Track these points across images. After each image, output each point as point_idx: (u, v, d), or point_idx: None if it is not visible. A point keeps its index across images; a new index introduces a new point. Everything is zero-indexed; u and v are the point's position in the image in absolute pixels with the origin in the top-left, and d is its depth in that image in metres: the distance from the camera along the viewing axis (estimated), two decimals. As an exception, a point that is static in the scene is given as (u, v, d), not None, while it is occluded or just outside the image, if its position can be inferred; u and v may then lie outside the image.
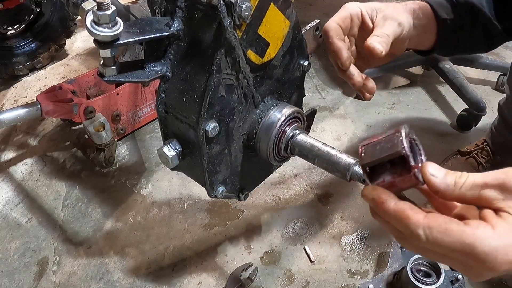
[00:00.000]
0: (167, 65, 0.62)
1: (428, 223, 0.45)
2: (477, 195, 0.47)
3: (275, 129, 0.66)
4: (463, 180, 0.47)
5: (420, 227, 0.45)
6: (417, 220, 0.45)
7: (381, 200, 0.48)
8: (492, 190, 0.46)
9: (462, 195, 0.47)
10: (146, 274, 1.21)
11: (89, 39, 2.28)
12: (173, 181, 1.48)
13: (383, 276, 1.12)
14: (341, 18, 0.74)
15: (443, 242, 0.44)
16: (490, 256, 0.43)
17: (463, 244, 0.43)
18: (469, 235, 0.43)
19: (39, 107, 1.39)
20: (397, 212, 0.47)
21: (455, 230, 0.44)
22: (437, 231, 0.44)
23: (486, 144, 1.40)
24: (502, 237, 0.43)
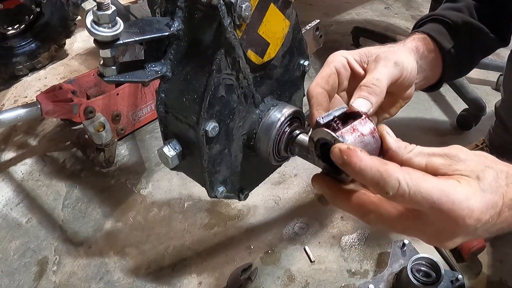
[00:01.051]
0: (167, 65, 0.62)
1: (406, 170, 0.45)
2: (424, 163, 0.48)
3: (275, 129, 0.66)
4: (412, 147, 0.50)
5: (398, 172, 0.44)
6: (395, 166, 0.45)
7: (355, 152, 0.45)
8: (439, 158, 0.48)
9: (410, 159, 0.49)
10: (146, 274, 1.21)
11: (89, 39, 2.28)
12: (173, 181, 1.48)
13: (383, 276, 1.12)
14: (324, 78, 0.65)
15: (421, 187, 0.43)
16: (463, 204, 0.43)
17: (440, 192, 0.43)
18: (443, 183, 0.44)
19: (39, 107, 1.39)
20: (374, 162, 0.45)
21: (431, 179, 0.45)
22: (415, 176, 0.44)
23: (485, 145, 1.40)
24: (468, 187, 0.45)
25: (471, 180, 0.45)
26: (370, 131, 0.51)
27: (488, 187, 0.45)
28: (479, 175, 0.46)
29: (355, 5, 2.71)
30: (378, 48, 0.69)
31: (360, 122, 0.51)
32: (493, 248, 1.23)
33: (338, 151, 0.47)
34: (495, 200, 0.46)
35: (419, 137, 1.63)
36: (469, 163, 0.47)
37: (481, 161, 0.48)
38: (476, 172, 0.46)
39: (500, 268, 1.19)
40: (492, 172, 0.47)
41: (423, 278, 1.04)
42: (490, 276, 1.17)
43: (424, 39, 0.76)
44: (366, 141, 0.50)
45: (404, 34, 2.26)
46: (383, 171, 0.44)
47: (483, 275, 1.18)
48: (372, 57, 0.66)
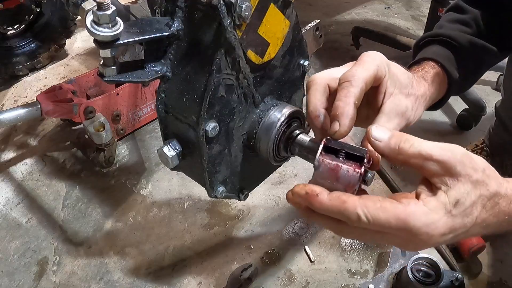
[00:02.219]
0: (167, 65, 0.62)
1: (364, 202, 0.47)
2: (421, 165, 0.49)
3: (275, 129, 0.66)
4: (408, 146, 0.49)
5: (357, 207, 0.47)
6: (353, 202, 0.47)
7: (315, 193, 0.49)
8: (435, 164, 0.48)
9: (407, 161, 0.50)
10: (146, 274, 1.21)
11: (89, 39, 2.28)
12: (173, 181, 1.48)
13: (383, 276, 1.12)
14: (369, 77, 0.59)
15: (380, 218, 0.46)
16: (422, 230, 0.47)
17: (397, 220, 0.46)
18: (401, 211, 0.47)
19: (39, 107, 1.39)
20: (333, 200, 0.48)
21: (389, 207, 0.47)
22: (373, 208, 0.47)
23: (485, 145, 1.40)
24: (431, 213, 0.47)
25: (442, 205, 0.47)
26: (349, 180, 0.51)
27: (461, 212, 0.48)
28: (459, 199, 0.48)
29: (355, 5, 2.71)
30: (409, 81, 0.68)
31: (348, 169, 0.51)
32: (493, 248, 1.23)
33: (297, 196, 0.51)
34: (464, 223, 0.48)
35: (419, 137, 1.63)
36: (459, 182, 0.48)
37: (473, 179, 0.48)
38: (459, 195, 0.48)
39: (500, 268, 1.19)
40: (475, 195, 0.48)
41: (423, 278, 1.04)
42: (490, 276, 1.17)
43: (439, 75, 0.77)
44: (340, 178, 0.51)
45: (404, 34, 2.26)
46: (343, 210, 0.48)
47: (483, 275, 1.18)
48: (395, 96, 0.64)
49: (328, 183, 0.52)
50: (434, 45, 0.83)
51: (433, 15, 1.84)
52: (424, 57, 0.80)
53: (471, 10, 0.89)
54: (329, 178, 0.51)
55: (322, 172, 0.52)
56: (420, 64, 0.78)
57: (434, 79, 0.75)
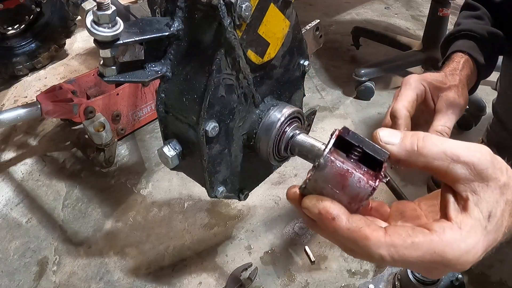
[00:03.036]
0: (167, 65, 0.62)
1: (391, 241, 0.40)
2: (445, 168, 0.41)
3: (275, 129, 0.66)
4: (428, 145, 0.41)
5: (382, 247, 0.39)
6: (377, 239, 0.40)
7: (330, 216, 0.41)
8: (464, 168, 0.40)
9: (429, 163, 0.41)
10: (146, 274, 1.21)
11: (89, 39, 2.28)
12: (173, 181, 1.48)
13: (383, 276, 1.12)
14: (410, 102, 0.74)
15: (411, 257, 0.40)
16: (460, 259, 0.41)
17: (433, 255, 0.40)
18: (437, 243, 0.40)
19: (39, 107, 1.39)
20: (353, 232, 0.40)
21: (422, 241, 0.40)
22: (403, 247, 0.39)
23: (484, 143, 1.40)
24: (470, 236, 0.40)
25: (479, 223, 0.41)
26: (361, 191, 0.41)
27: (494, 226, 0.42)
28: (491, 211, 0.41)
29: (355, 5, 2.71)
30: (447, 85, 0.79)
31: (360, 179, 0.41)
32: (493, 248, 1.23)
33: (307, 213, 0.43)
34: (495, 238, 0.43)
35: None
36: (489, 189, 0.41)
37: (501, 183, 0.42)
38: (490, 206, 0.41)
39: (500, 268, 1.19)
40: (503, 203, 0.42)
41: (423, 278, 1.04)
42: (490, 276, 1.17)
43: (468, 61, 0.88)
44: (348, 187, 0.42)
45: (404, 34, 2.26)
46: (362, 246, 0.40)
47: (483, 275, 1.18)
48: (443, 96, 0.78)
49: (329, 188, 0.42)
50: (458, 40, 0.95)
51: (433, 15, 1.84)
52: (452, 51, 0.91)
53: (481, 6, 1.02)
54: (334, 184, 0.42)
55: (326, 175, 0.41)
56: (450, 58, 0.90)
57: (464, 66, 0.86)
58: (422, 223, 0.43)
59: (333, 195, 0.42)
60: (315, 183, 0.43)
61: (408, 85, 0.76)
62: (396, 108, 0.73)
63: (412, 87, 0.76)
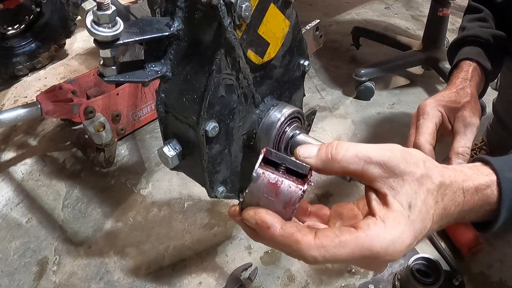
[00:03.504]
0: (167, 65, 0.62)
1: (320, 242, 0.43)
2: (360, 170, 0.45)
3: (275, 129, 0.67)
4: (341, 152, 0.46)
5: (313, 249, 0.43)
6: (308, 243, 0.43)
7: (266, 225, 0.45)
8: (376, 167, 0.45)
9: (345, 168, 0.46)
10: (146, 274, 1.21)
11: (89, 39, 2.28)
12: (173, 181, 1.48)
13: (383, 276, 1.12)
14: (431, 134, 0.79)
15: (341, 255, 0.43)
16: (388, 250, 0.43)
17: (361, 249, 0.43)
18: (363, 239, 0.43)
19: (39, 107, 1.39)
20: (286, 238, 0.44)
21: (348, 239, 0.43)
22: (331, 247, 0.43)
23: (484, 144, 1.40)
24: (393, 228, 0.44)
25: (400, 214, 0.44)
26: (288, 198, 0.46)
27: (417, 215, 0.45)
28: (411, 202, 0.45)
29: (355, 5, 2.71)
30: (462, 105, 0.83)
31: (290, 185, 0.46)
32: (493, 248, 1.23)
33: (247, 223, 0.48)
34: (423, 226, 0.45)
35: (419, 137, 1.63)
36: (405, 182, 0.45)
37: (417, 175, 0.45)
38: (409, 197, 0.45)
39: (500, 268, 1.19)
40: (423, 193, 0.45)
41: (423, 278, 1.04)
42: (490, 276, 1.17)
43: (476, 69, 0.91)
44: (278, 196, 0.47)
45: (404, 34, 2.26)
46: (295, 249, 0.44)
47: (483, 275, 1.18)
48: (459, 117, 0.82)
49: (265, 197, 0.47)
50: (465, 47, 0.97)
51: (433, 15, 1.84)
52: (460, 59, 0.94)
53: (484, 8, 1.04)
54: (268, 193, 0.46)
55: (260, 185, 0.46)
56: (458, 66, 0.92)
57: (473, 75, 0.89)
58: (358, 221, 0.46)
59: (268, 203, 0.47)
60: (251, 195, 0.47)
61: (426, 115, 0.80)
62: (420, 144, 0.78)
63: (430, 116, 0.80)
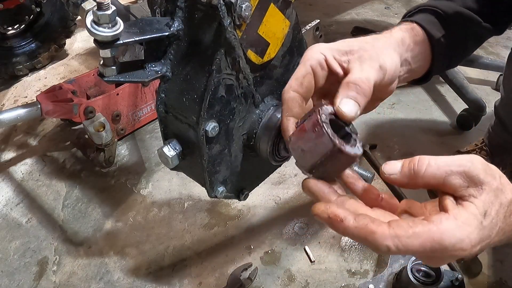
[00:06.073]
0: (167, 65, 0.62)
1: (395, 233, 0.45)
2: (442, 182, 0.47)
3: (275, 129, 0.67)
4: (424, 167, 0.47)
5: (387, 239, 0.45)
6: (382, 233, 0.45)
7: (338, 218, 0.47)
8: (458, 178, 0.47)
9: (428, 183, 0.48)
10: (146, 274, 1.21)
11: (89, 39, 2.28)
12: (173, 181, 1.48)
13: (383, 276, 1.12)
14: (299, 79, 0.58)
15: (413, 246, 0.44)
16: (456, 246, 0.45)
17: (432, 242, 0.44)
18: (435, 232, 0.44)
19: (39, 107, 1.39)
20: (360, 230, 0.46)
21: (421, 231, 0.44)
22: (405, 237, 0.44)
23: (485, 144, 1.40)
24: (465, 226, 0.45)
25: (474, 217, 0.46)
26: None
27: (489, 223, 0.47)
28: (487, 210, 0.46)
29: (355, 5, 2.71)
30: (361, 42, 0.62)
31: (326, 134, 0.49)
32: (493, 248, 1.23)
33: (318, 217, 0.49)
34: (489, 235, 0.47)
35: (419, 137, 1.63)
36: (484, 192, 0.47)
37: (494, 186, 0.47)
38: (486, 205, 0.46)
39: (500, 268, 1.19)
40: (498, 204, 0.47)
41: (423, 278, 1.04)
42: (490, 276, 1.17)
43: (412, 29, 0.70)
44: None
45: (404, 34, 2.25)
46: (370, 240, 0.45)
47: (483, 275, 1.18)
48: (354, 55, 0.60)
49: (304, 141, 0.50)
50: (417, 14, 0.77)
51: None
52: (402, 20, 0.75)
53: None
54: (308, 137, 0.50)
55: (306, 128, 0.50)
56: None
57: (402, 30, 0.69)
58: (430, 216, 0.47)
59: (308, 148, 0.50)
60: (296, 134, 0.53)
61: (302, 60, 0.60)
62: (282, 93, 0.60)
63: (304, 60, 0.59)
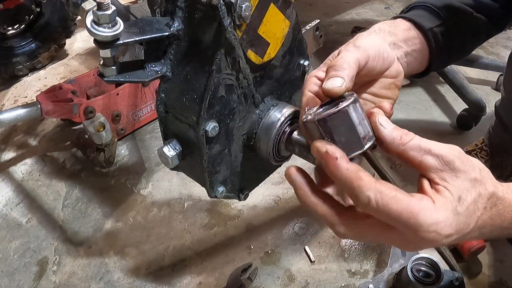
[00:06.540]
0: (167, 65, 0.62)
1: (380, 187, 0.45)
2: (419, 159, 0.48)
3: (275, 129, 0.66)
4: (409, 139, 0.48)
5: (371, 190, 0.45)
6: (369, 182, 0.45)
7: (334, 155, 0.47)
8: (434, 159, 0.47)
9: (405, 152, 0.48)
10: (146, 274, 1.21)
11: (89, 39, 2.28)
12: (173, 181, 1.48)
13: (383, 276, 1.12)
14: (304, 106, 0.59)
15: (391, 208, 0.44)
16: (430, 227, 0.44)
17: (408, 214, 0.44)
18: (414, 205, 0.44)
19: (39, 107, 1.39)
20: (350, 172, 0.46)
21: (403, 198, 0.45)
22: (387, 196, 0.44)
23: (485, 144, 1.40)
24: (441, 210, 0.45)
25: (449, 202, 0.46)
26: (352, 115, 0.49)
27: (465, 210, 0.46)
28: (461, 195, 0.46)
29: (355, 5, 2.71)
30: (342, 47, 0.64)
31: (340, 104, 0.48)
32: (493, 248, 1.23)
33: (316, 151, 0.49)
34: (467, 223, 0.47)
35: (419, 137, 1.63)
36: (458, 179, 0.47)
37: (471, 176, 0.47)
38: (460, 191, 0.46)
39: (500, 268, 1.19)
40: (475, 193, 0.47)
41: (423, 278, 1.04)
42: (490, 276, 1.17)
43: (393, 22, 0.72)
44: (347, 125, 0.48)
45: (404, 34, 2.25)
46: (355, 186, 0.46)
47: (483, 275, 1.18)
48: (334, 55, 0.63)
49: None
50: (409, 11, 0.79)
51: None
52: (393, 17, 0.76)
53: None
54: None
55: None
56: None
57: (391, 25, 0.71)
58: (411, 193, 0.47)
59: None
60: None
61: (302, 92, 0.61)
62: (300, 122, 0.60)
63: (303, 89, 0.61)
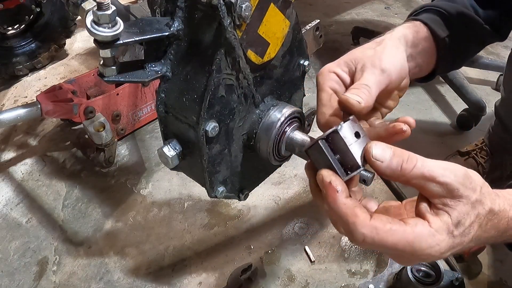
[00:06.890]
0: (167, 65, 0.62)
1: (375, 224, 0.47)
2: (422, 186, 0.49)
3: (275, 129, 0.66)
4: (410, 168, 0.48)
5: (366, 227, 0.47)
6: (364, 220, 0.47)
7: (335, 188, 0.48)
8: (438, 186, 0.48)
9: (407, 182, 0.49)
10: (146, 274, 1.21)
11: (89, 39, 2.28)
12: (173, 181, 1.48)
13: (383, 276, 1.12)
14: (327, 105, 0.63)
15: (387, 241, 0.47)
16: (425, 251, 0.48)
17: (404, 243, 0.47)
18: (409, 234, 0.47)
19: (39, 107, 1.39)
20: (347, 208, 0.48)
21: (398, 229, 0.47)
22: (383, 231, 0.47)
23: (485, 144, 1.40)
24: (437, 234, 0.48)
25: (446, 226, 0.48)
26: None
27: (461, 233, 0.49)
28: (460, 220, 0.48)
29: (355, 5, 2.71)
30: (363, 50, 0.67)
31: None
32: (493, 248, 1.23)
33: (320, 179, 0.50)
34: (461, 242, 0.50)
35: (419, 138, 1.63)
36: (460, 203, 0.48)
37: (472, 199, 0.49)
38: (460, 216, 0.48)
39: (500, 268, 1.19)
40: (474, 215, 0.49)
41: (423, 278, 1.04)
42: (490, 276, 1.17)
43: (414, 26, 0.73)
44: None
45: (404, 34, 2.25)
46: (350, 223, 0.48)
47: (483, 275, 1.18)
48: (358, 65, 0.65)
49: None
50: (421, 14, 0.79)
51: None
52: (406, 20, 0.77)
53: None
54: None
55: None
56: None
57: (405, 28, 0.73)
58: (406, 218, 0.50)
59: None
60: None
61: (318, 86, 0.66)
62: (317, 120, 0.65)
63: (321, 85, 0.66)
